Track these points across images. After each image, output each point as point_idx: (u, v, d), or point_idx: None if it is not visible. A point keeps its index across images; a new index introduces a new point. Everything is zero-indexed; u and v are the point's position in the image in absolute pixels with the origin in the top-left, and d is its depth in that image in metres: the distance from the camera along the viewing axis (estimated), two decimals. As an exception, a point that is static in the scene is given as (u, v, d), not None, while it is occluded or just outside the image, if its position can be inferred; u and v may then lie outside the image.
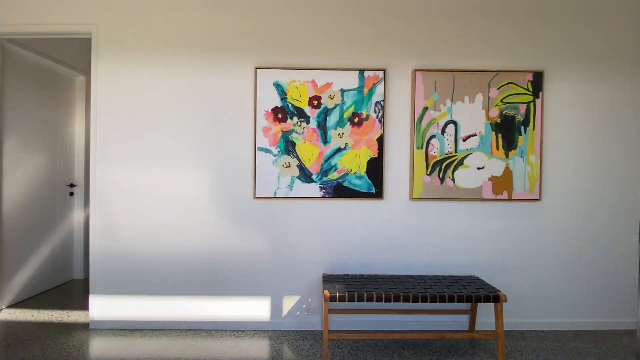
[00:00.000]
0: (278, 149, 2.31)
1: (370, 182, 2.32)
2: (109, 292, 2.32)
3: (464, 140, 2.36)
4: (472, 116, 2.35)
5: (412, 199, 2.34)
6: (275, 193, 2.31)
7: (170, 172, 2.32)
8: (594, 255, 2.42)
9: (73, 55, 3.29)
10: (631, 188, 2.42)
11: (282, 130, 2.31)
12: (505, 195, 2.37)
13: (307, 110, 2.31)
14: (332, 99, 2.31)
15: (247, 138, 2.33)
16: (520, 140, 2.37)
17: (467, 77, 2.34)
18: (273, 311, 2.36)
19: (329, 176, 2.32)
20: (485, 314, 2.40)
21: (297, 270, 2.35)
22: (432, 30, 2.35)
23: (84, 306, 2.67)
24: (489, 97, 2.35)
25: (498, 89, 2.35)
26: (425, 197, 2.34)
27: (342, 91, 2.31)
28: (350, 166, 2.31)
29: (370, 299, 1.94)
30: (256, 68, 2.29)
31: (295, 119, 2.31)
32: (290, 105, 2.31)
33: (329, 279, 2.19)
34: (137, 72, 2.30)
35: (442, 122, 2.34)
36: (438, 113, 2.34)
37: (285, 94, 2.31)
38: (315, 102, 2.31)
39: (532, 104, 2.36)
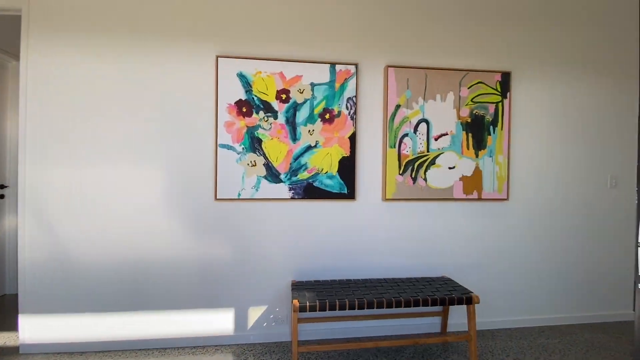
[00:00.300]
0: (242, 146, 2.12)
1: (342, 182, 2.20)
2: (43, 311, 2.00)
3: (436, 139, 2.31)
4: (444, 115, 2.31)
5: (385, 199, 2.25)
6: (239, 194, 2.12)
7: (118, 172, 2.04)
8: (558, 254, 2.49)
9: (3, 36, 2.86)
10: (593, 188, 2.52)
11: (247, 126, 2.13)
12: (475, 195, 2.36)
13: (275, 104, 2.14)
14: (302, 93, 2.16)
15: (208, 134, 2.12)
16: (490, 140, 2.37)
17: (438, 75, 2.30)
18: (237, 323, 2.16)
19: (298, 176, 2.16)
20: (457, 314, 2.38)
21: (264, 278, 2.18)
22: (405, 26, 2.29)
23: (15, 326, 2.29)
24: (459, 96, 2.33)
25: (468, 88, 2.34)
26: (398, 198, 2.27)
27: (313, 85, 2.17)
28: (321, 165, 2.18)
29: (342, 307, 1.81)
30: (218, 56, 2.09)
31: (261, 113, 2.13)
32: (256, 98, 2.13)
33: (298, 287, 2.04)
34: (78, 56, 1.99)
35: (414, 121, 2.28)
36: (410, 111, 2.28)
37: (251, 86, 2.12)
38: (284, 96, 2.15)
39: (500, 104, 2.38)
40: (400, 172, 2.27)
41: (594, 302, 2.53)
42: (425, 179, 2.30)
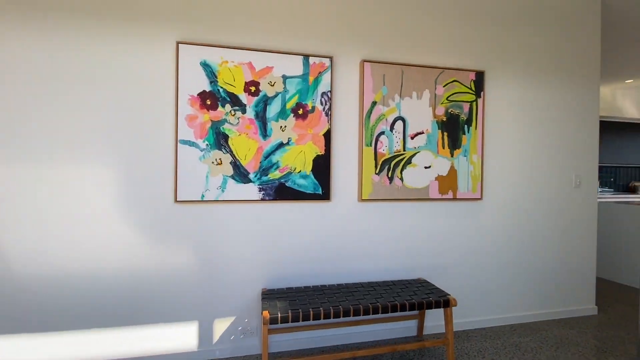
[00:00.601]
0: (206, 143, 1.93)
1: (316, 182, 2.07)
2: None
3: (412, 138, 2.25)
4: (420, 113, 2.26)
5: (361, 200, 2.15)
6: (202, 196, 1.92)
7: (64, 172, 1.76)
8: (528, 251, 2.53)
9: None
10: (560, 187, 2.59)
11: (211, 120, 1.93)
12: (450, 195, 2.33)
13: (243, 97, 1.96)
14: (273, 85, 2.00)
15: (167, 128, 1.89)
16: (464, 139, 2.35)
17: (414, 72, 2.24)
18: (202, 337, 1.95)
19: (269, 175, 2.00)
20: (433, 315, 2.33)
21: (231, 287, 1.99)
22: (381, 20, 2.20)
23: None
24: (435, 95, 2.29)
25: (444, 86, 2.30)
26: (374, 198, 2.17)
27: (285, 78, 2.01)
28: (294, 164, 2.03)
29: (316, 317, 1.68)
30: (178, 43, 1.87)
31: (228, 106, 1.95)
32: (221, 90, 1.94)
33: (269, 295, 1.88)
34: (15, 39, 1.69)
35: (390, 118, 2.21)
36: (387, 108, 2.20)
37: (216, 77, 1.93)
38: (253, 89, 1.97)
39: (474, 103, 2.36)
40: (377, 172, 2.18)
41: (560, 297, 2.60)
42: (401, 179, 2.23)
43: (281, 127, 2.01)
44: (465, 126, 2.35)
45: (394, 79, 2.20)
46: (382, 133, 2.19)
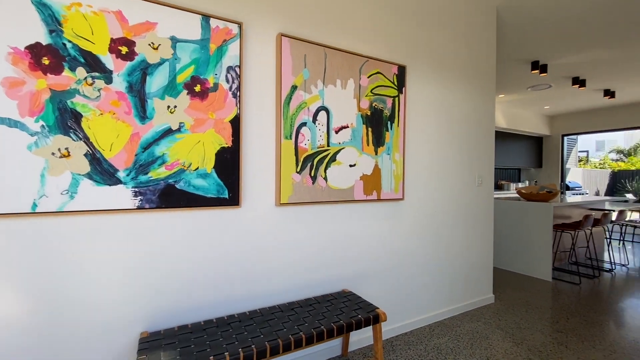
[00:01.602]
0: (42, 123, 1.25)
1: (220, 182, 1.59)
2: None
3: (337, 132, 1.98)
4: (345, 104, 2.01)
5: (280, 204, 1.77)
6: (34, 205, 1.24)
7: None
8: (441, 250, 2.55)
9: None
10: (466, 186, 2.71)
11: (50, 89, 1.26)
12: (374, 195, 2.15)
13: (108, 60, 1.35)
14: (157, 49, 1.44)
15: (-42, 95, 1.14)
16: (388, 136, 2.21)
17: (339, 58, 1.97)
18: None
19: (150, 174, 1.43)
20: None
21: (88, 338, 1.35)
22: (301, -11, 1.86)
23: None
24: (360, 85, 2.07)
25: (368, 77, 2.11)
26: (295, 202, 1.82)
27: (175, 41, 1.48)
28: (188, 158, 1.51)
29: (220, 369, 1.23)
30: (-18, -43, 1.15)
31: (81, 71, 1.30)
32: (70, 46, 1.29)
33: (151, 342, 1.33)
34: None
35: (313, 108, 1.88)
36: (309, 95, 1.87)
37: (60, 25, 1.27)
38: (124, 50, 1.38)
39: (397, 98, 2.24)
40: (298, 170, 1.83)
41: (467, 291, 2.72)
42: (325, 178, 1.93)
43: (169, 107, 1.46)
44: (389, 122, 2.21)
45: (317, 62, 1.89)
46: (304, 124, 1.85)
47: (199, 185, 1.53)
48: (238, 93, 1.62)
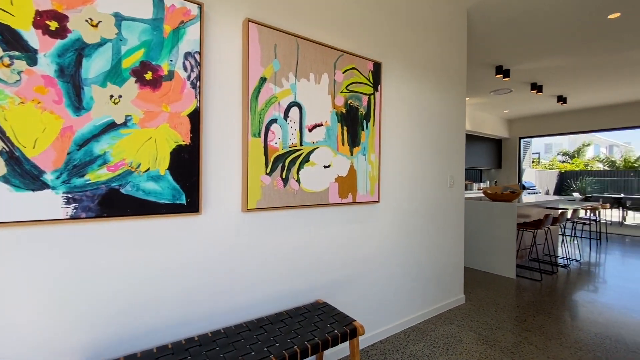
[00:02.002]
0: None
1: (177, 186, 1.38)
2: None
3: (310, 130, 1.83)
4: (319, 101, 1.87)
5: (247, 210, 1.58)
6: None
7: None
8: (415, 252, 2.50)
9: None
10: (439, 187, 2.68)
11: (-54, 68, 0.99)
12: (350, 198, 2.03)
13: (31, 36, 1.09)
14: (96, 27, 1.20)
15: None
16: (363, 136, 2.10)
17: (312, 50, 1.83)
18: None
19: (88, 176, 1.19)
20: (332, 343, 1.98)
21: (2, 383, 1.08)
22: (271, -28, 1.68)
23: None
24: (334, 81, 1.94)
25: (343, 72, 1.98)
26: (264, 207, 1.64)
27: (119, 18, 1.24)
28: (137, 158, 1.28)
29: (174, 410, 1.03)
30: None
31: (-10, 47, 1.04)
32: (-27, 13, 1.02)
33: (85, 384, 1.09)
34: None
35: (284, 103, 1.72)
36: (280, 89, 1.70)
37: (-40, -14, 1.00)
38: (54, 25, 1.12)
39: (372, 96, 2.14)
40: (268, 172, 1.65)
41: (440, 292, 2.71)
42: (298, 181, 1.77)
43: (112, 96, 1.22)
44: (365, 121, 2.10)
45: (288, 53, 1.73)
46: (274, 121, 1.68)
47: (151, 189, 1.31)
48: (198, 83, 1.42)
